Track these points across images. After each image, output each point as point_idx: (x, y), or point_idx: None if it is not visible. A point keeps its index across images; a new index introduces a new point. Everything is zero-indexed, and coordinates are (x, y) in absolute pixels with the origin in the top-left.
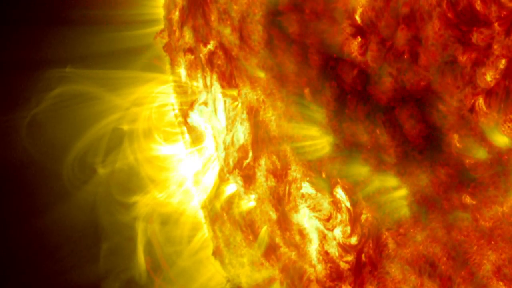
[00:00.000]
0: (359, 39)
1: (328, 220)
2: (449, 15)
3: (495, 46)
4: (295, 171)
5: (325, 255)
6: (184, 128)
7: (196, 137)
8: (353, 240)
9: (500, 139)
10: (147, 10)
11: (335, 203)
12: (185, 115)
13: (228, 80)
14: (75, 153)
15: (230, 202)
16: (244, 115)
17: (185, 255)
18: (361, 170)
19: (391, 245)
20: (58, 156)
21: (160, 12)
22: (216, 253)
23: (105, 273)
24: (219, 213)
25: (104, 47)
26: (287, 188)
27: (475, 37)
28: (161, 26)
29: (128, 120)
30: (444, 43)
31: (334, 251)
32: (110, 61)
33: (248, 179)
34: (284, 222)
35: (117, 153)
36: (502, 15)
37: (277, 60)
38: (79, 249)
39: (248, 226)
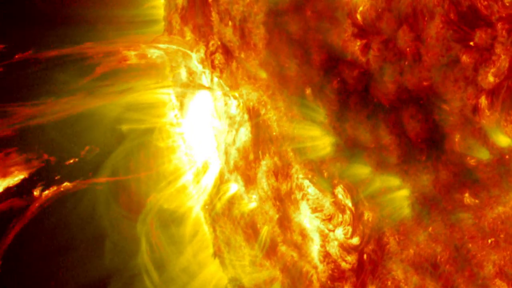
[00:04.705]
0: (361, 39)
1: (329, 220)
2: (451, 15)
3: (497, 46)
4: (296, 172)
5: (327, 255)
6: (185, 128)
7: (196, 137)
8: (355, 240)
9: (502, 139)
10: (147, 10)
11: (337, 203)
12: (185, 114)
13: (229, 80)
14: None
15: (231, 202)
16: (245, 115)
17: (186, 255)
18: (362, 170)
19: (392, 245)
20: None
21: (160, 12)
22: (217, 253)
23: (107, 272)
24: (220, 213)
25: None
26: (288, 188)
27: (477, 38)
28: (161, 26)
29: (128, 121)
30: (446, 43)
31: (335, 251)
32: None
33: (249, 179)
34: (285, 222)
35: (117, 153)
36: (504, 16)
37: (279, 60)
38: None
39: (249, 226)
